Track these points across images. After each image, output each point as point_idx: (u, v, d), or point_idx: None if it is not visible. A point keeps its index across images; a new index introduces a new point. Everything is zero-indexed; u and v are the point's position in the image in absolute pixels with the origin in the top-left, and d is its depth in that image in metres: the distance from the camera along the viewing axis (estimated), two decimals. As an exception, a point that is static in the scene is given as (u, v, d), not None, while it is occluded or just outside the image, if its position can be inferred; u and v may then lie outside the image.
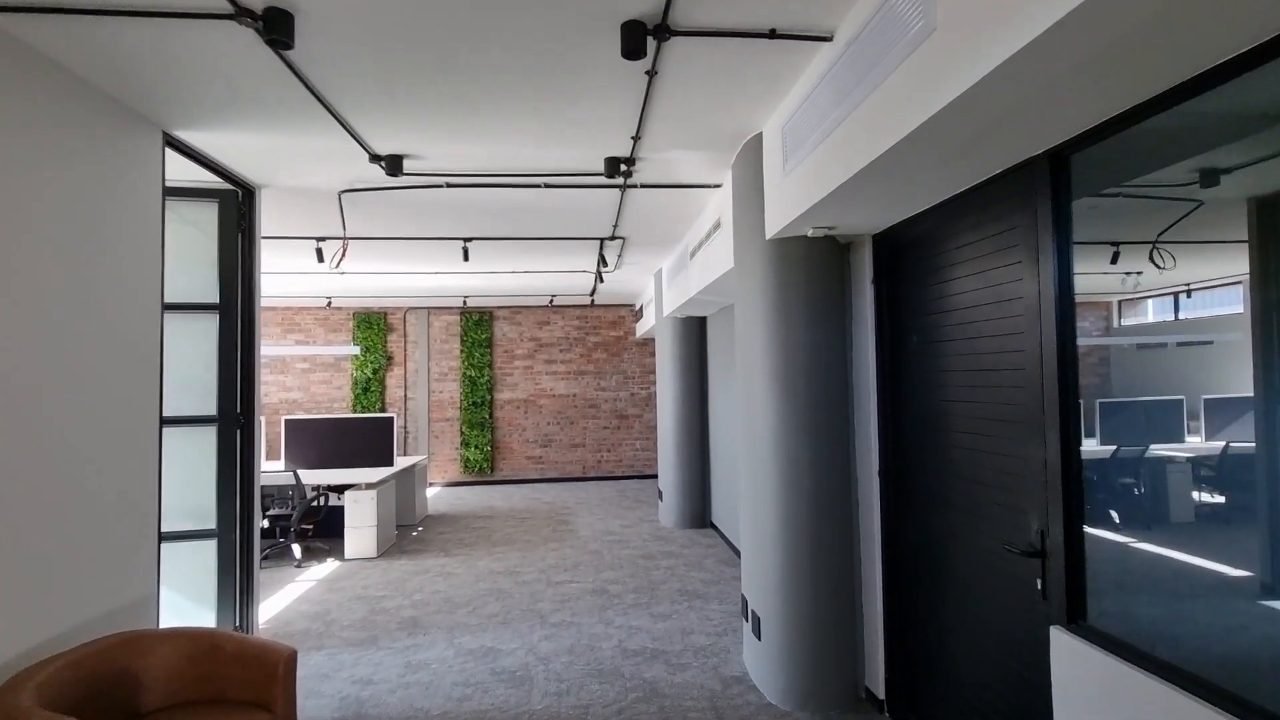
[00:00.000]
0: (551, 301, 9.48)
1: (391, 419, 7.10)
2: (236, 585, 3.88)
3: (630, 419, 10.65)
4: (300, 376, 10.08)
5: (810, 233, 3.13)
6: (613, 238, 5.65)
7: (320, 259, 5.11)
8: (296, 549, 5.92)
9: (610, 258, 6.46)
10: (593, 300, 9.69)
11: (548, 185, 4.11)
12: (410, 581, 5.32)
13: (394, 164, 3.55)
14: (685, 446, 7.11)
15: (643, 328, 9.57)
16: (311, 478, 6.34)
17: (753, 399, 3.43)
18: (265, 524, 5.85)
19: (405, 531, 7.15)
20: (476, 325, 10.33)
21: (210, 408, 3.89)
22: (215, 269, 3.90)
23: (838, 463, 3.25)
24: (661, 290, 7.37)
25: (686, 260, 5.75)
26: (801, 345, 3.25)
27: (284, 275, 7.23)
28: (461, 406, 10.25)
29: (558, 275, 7.66)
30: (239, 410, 3.97)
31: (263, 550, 6.62)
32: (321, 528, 6.47)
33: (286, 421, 6.94)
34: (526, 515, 7.91)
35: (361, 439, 7.04)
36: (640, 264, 7.05)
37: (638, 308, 10.22)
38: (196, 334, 3.89)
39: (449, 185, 4.07)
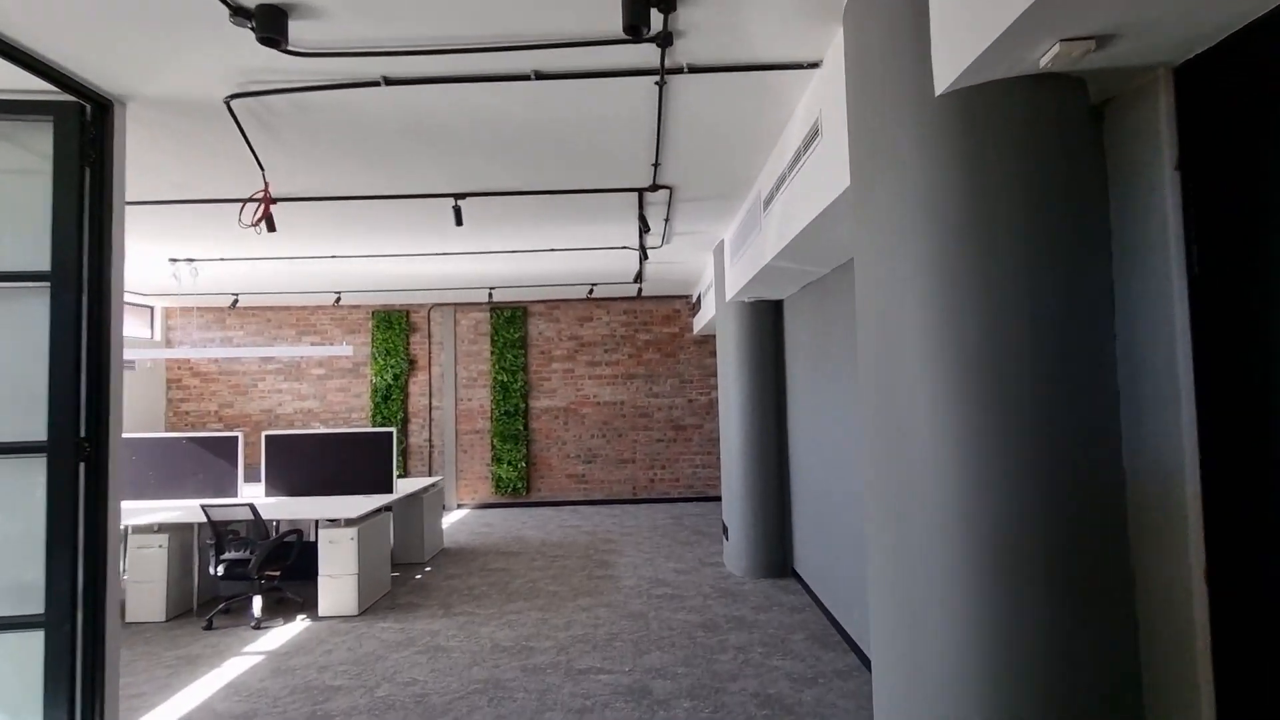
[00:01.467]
0: (591, 292, 8.03)
1: (390, 434, 5.78)
2: (75, 701, 2.54)
3: (688, 430, 9.04)
4: (316, 384, 9.00)
5: (1047, 60, 1.48)
6: (654, 187, 4.10)
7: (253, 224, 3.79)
8: (256, 603, 4.64)
9: (655, 222, 4.90)
10: (640, 290, 8.18)
11: (539, 75, 2.60)
12: (385, 661, 3.90)
13: (270, 21, 2.12)
14: (756, 470, 5.45)
15: (701, 321, 7.96)
16: (290, 508, 5.06)
17: (896, 402, 1.79)
18: (220, 570, 4.60)
19: (408, 574, 5.80)
20: (508, 323, 8.99)
21: (38, 430, 2.57)
22: (47, 223, 2.59)
23: (1099, 502, 1.57)
24: (723, 268, 5.75)
25: (758, 215, 4.13)
26: (1018, 304, 1.59)
27: (281, 262, 6.05)
28: (492, 416, 8.91)
29: (593, 256, 6.17)
30: (83, 434, 2.62)
31: (221, 603, 5.04)
32: (303, 570, 5.18)
33: (267, 439, 5.73)
34: (559, 551, 6.44)
35: (356, 459, 5.74)
36: (695, 234, 5.47)
37: (694, 298, 8.63)
38: (15, 320, 2.58)
39: (388, 82, 2.61)
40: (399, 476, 8.77)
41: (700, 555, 6.13)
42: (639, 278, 6.99)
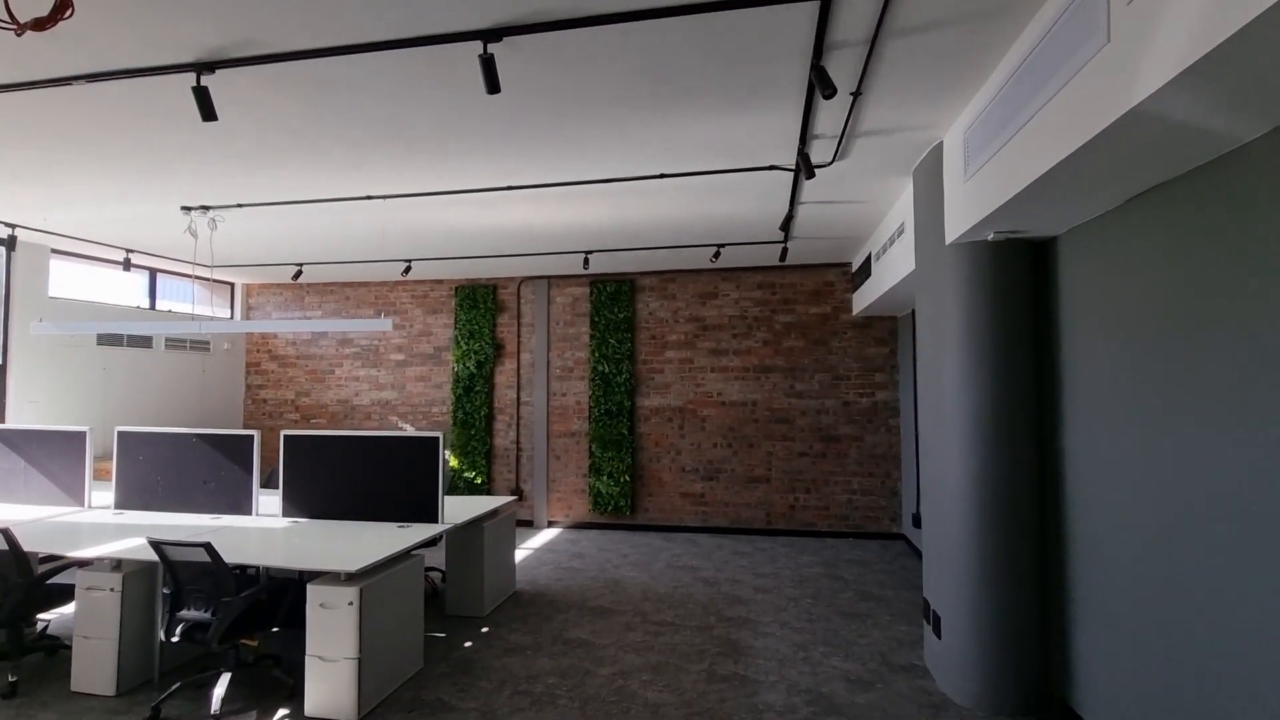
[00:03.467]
0: (717, 256, 6.04)
1: (437, 441, 4.16)
2: None
3: (842, 443, 6.80)
4: (394, 371, 7.78)
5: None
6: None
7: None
8: (218, 689, 3.16)
9: (841, 79, 2.80)
10: (785, 251, 6.06)
11: None
12: None
13: None
14: (999, 525, 3.20)
15: (868, 296, 5.72)
16: (283, 548, 3.59)
17: None
18: (174, 635, 3.17)
19: (457, 636, 4.17)
20: (612, 300, 7.23)
21: None
22: None
23: None
24: (940, 192, 3.52)
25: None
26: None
27: (316, 210, 4.67)
28: (591, 416, 7.21)
29: (726, 188, 4.20)
30: None
31: (176, 683, 3.26)
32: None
33: (286, 441, 4.34)
34: (668, 614, 4.55)
35: (397, 473, 4.20)
36: (896, 136, 3.32)
37: (856, 265, 6.37)
38: None
39: None
40: (479, 484, 7.37)
41: (882, 647, 3.97)
42: (787, 226, 4.91)
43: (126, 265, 6.06)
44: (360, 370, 7.83)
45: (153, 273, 7.04)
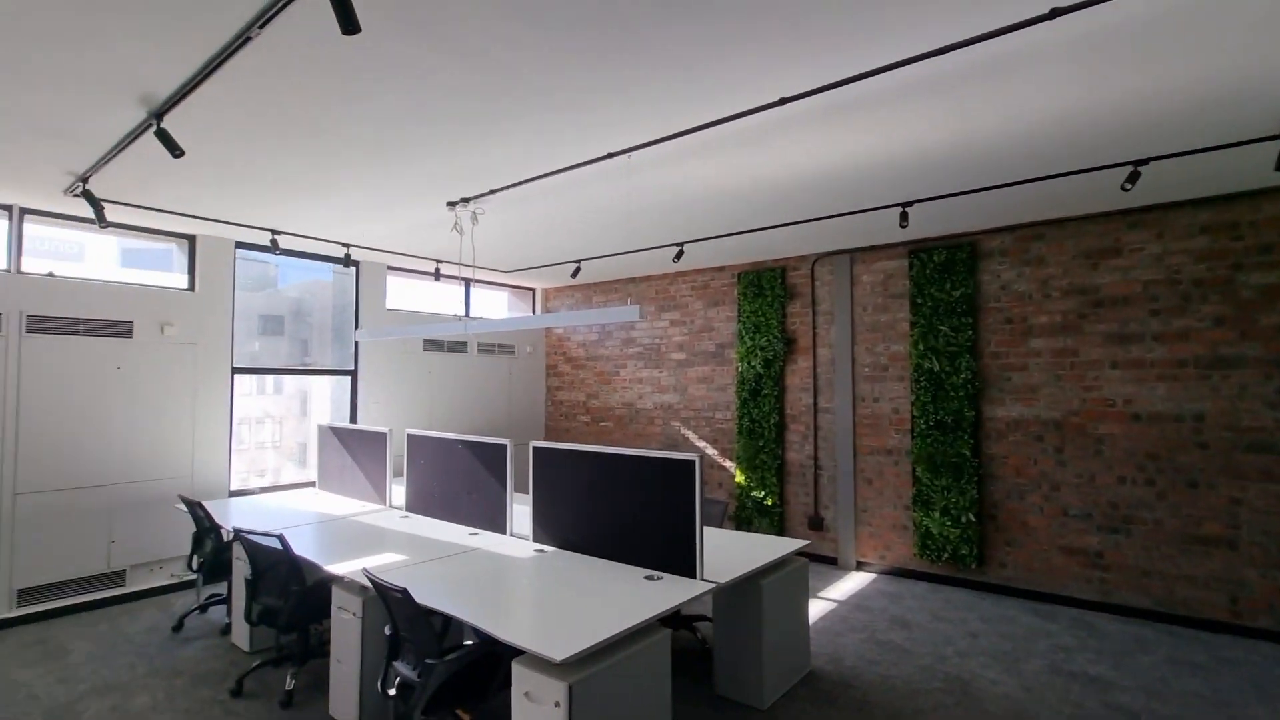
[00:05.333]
0: (1132, 181, 3.72)
1: (693, 464, 3.07)
2: None
3: None
4: (675, 372, 7.08)
5: None
6: None
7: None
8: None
9: None
10: None
11: None
12: None
13: None
14: None
15: None
16: (513, 596, 2.91)
17: None
18: (390, 690, 2.67)
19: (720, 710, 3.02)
20: (942, 273, 5.32)
21: None
22: None
23: None
24: None
25: None
26: None
27: (565, 180, 4.10)
28: (914, 429, 5.40)
29: (1162, 41, 2.23)
30: None
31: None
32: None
33: (535, 452, 3.75)
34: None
35: (647, 503, 3.27)
36: None
37: None
38: None
39: None
40: (771, 506, 6.14)
41: None
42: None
43: (436, 275, 6.48)
44: (643, 371, 7.34)
45: (467, 282, 7.58)
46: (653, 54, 2.44)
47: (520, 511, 3.98)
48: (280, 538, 3.33)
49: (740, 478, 6.35)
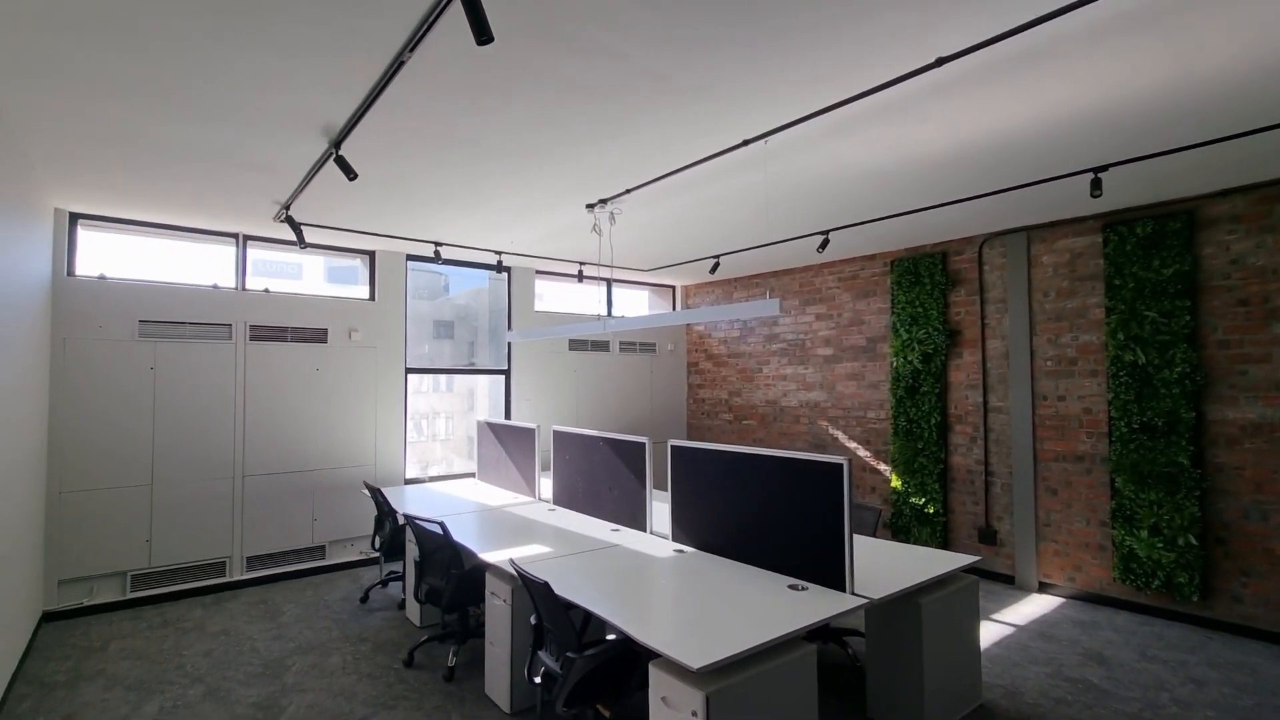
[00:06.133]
0: None
1: (841, 468, 2.84)
2: None
3: None
4: (821, 368, 6.71)
5: None
6: None
7: None
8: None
9: None
10: None
11: None
12: None
13: None
14: None
15: None
16: (651, 595, 2.90)
17: None
18: (535, 679, 2.77)
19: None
20: (1147, 248, 4.49)
21: None
22: None
23: None
24: None
25: None
26: None
27: (697, 175, 4.04)
28: (1112, 432, 4.63)
29: None
30: None
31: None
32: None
33: (673, 450, 3.71)
34: None
35: (791, 508, 3.09)
36: None
37: None
38: None
39: None
40: (932, 514, 5.56)
41: None
42: None
43: (580, 277, 6.70)
44: (787, 368, 7.05)
45: (608, 282, 7.78)
46: (785, 26, 2.28)
47: (660, 510, 3.97)
48: (441, 524, 3.61)
49: (896, 482, 5.86)
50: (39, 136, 3.27)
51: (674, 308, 8.47)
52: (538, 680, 2.75)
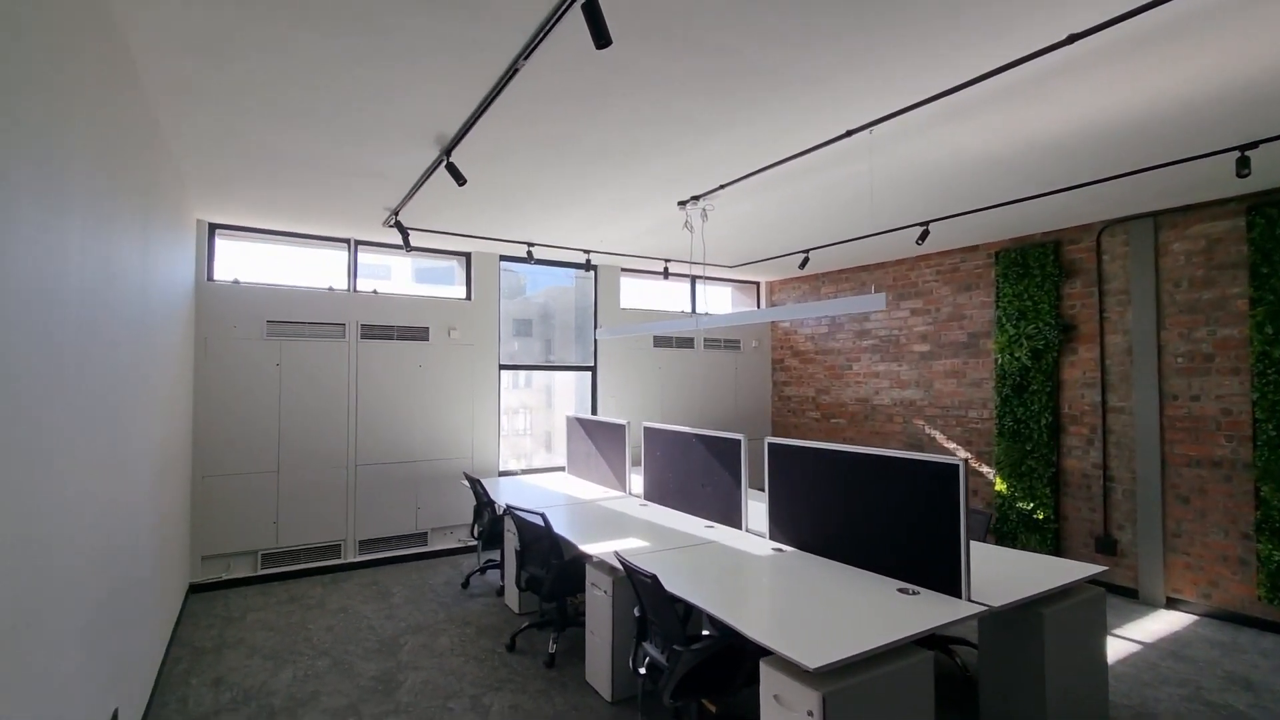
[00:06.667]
0: None
1: (956, 470, 2.73)
2: None
3: None
4: (918, 365, 6.44)
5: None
6: None
7: None
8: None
9: None
10: None
11: None
12: None
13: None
14: None
15: None
16: (759, 595, 2.89)
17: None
18: (640, 670, 2.82)
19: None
20: (1303, 231, 4.04)
21: None
22: None
23: None
24: None
25: None
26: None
27: (795, 169, 3.99)
28: (1259, 436, 4.20)
29: None
30: None
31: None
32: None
33: (770, 448, 3.68)
34: None
35: (900, 510, 3.00)
36: None
37: None
38: None
39: None
40: (1043, 520, 5.21)
41: None
42: None
43: (665, 274, 6.74)
44: (879, 365, 6.81)
45: (692, 280, 7.78)
46: (904, 14, 2.20)
47: (754, 507, 3.95)
48: (543, 516, 3.74)
49: (1001, 486, 5.55)
50: (192, 155, 3.63)
51: (758, 304, 8.36)
52: (642, 671, 2.80)
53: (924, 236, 5.09)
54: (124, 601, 2.61)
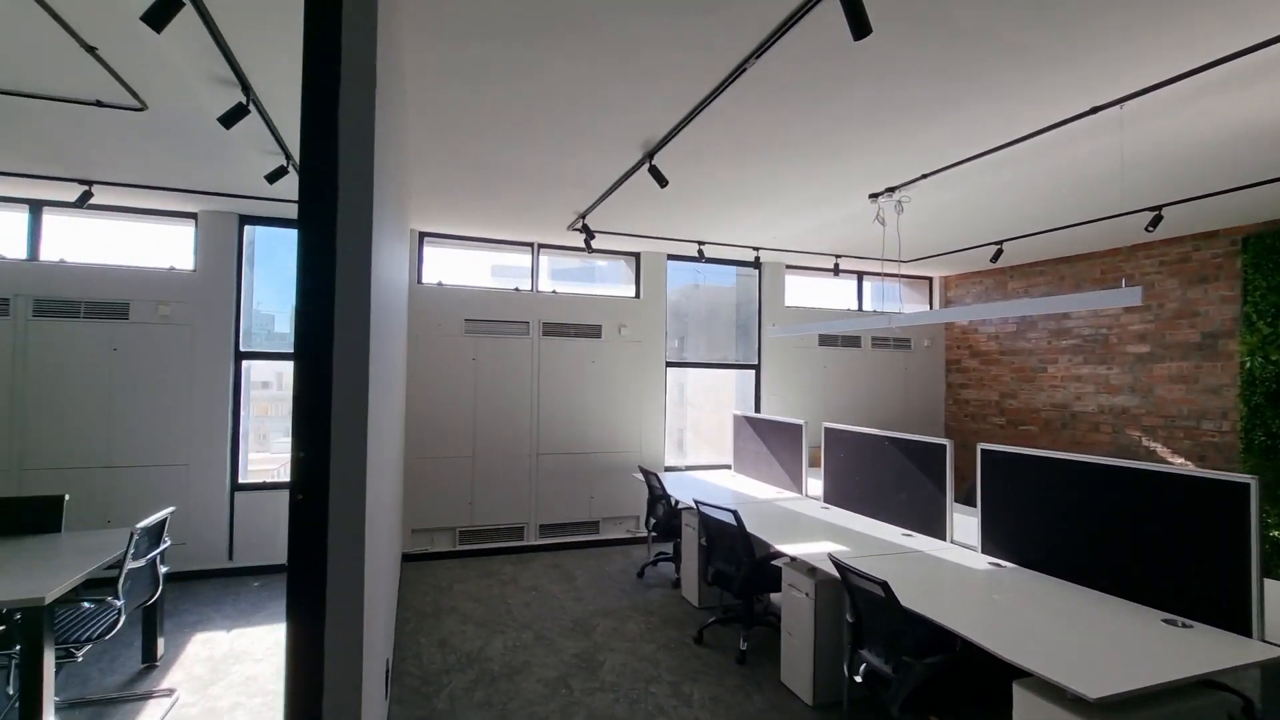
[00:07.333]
0: None
1: (1247, 490, 2.37)
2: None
3: None
4: (1133, 368, 5.70)
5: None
6: None
7: None
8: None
9: None
10: None
11: None
12: None
13: None
14: None
15: None
16: (1000, 615, 2.71)
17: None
18: (856, 677, 2.75)
19: None
20: None
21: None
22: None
23: None
24: None
25: None
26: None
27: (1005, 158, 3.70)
28: None
29: None
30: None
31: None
32: None
33: (984, 455, 3.42)
34: None
35: (1155, 531, 2.67)
36: None
37: None
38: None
39: None
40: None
41: None
42: None
43: (835, 270, 6.51)
44: (1082, 368, 6.11)
45: (859, 276, 7.45)
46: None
47: (959, 518, 3.70)
48: (735, 514, 3.76)
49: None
50: (418, 169, 4.06)
51: (930, 300, 7.84)
52: (858, 679, 2.72)
53: (1156, 221, 4.47)
54: (392, 558, 2.99)
